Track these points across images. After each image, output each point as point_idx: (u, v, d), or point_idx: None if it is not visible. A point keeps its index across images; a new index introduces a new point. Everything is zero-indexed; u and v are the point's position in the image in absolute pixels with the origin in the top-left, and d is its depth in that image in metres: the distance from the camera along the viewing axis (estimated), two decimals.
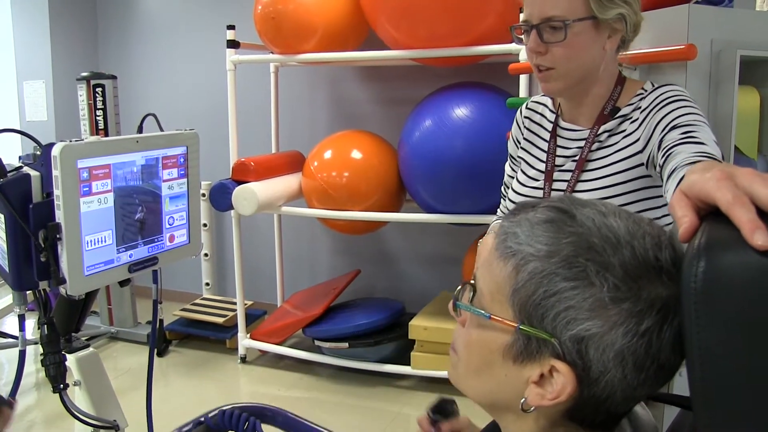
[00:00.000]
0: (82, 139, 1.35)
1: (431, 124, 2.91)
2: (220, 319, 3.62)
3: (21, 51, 4.46)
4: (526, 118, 1.42)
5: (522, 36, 1.23)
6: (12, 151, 3.90)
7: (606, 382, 0.60)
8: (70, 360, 1.53)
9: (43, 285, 1.36)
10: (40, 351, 1.47)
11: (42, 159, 1.33)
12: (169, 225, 1.58)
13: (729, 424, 0.51)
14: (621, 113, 1.24)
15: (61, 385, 1.48)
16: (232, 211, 3.21)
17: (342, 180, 3.10)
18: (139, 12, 4.40)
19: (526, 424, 0.66)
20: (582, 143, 1.28)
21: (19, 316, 1.41)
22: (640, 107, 1.22)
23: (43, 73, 4.37)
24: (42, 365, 1.47)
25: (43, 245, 1.30)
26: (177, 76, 4.30)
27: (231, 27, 3.27)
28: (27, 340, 1.45)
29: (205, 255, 4.16)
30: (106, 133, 3.37)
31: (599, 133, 1.25)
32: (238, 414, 1.17)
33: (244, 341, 3.46)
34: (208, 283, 4.20)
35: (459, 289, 0.70)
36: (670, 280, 0.59)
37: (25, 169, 1.35)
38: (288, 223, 3.89)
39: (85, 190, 1.34)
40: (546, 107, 1.39)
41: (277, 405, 1.24)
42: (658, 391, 0.63)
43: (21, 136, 1.50)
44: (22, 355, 1.43)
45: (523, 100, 2.34)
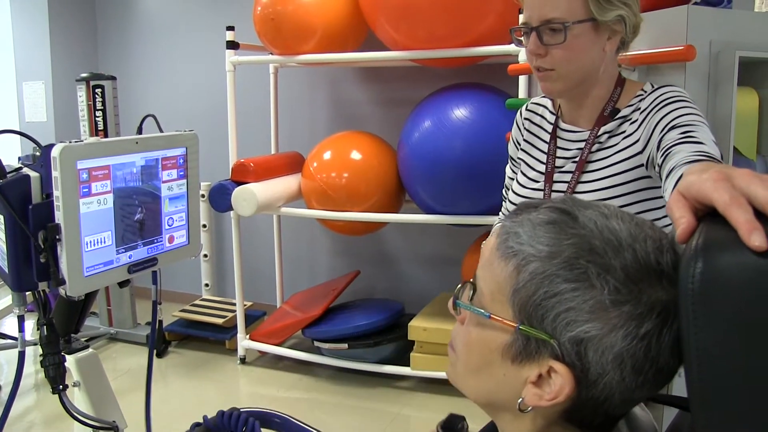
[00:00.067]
0: (82, 140, 1.34)
1: (430, 125, 2.91)
2: (220, 320, 3.62)
3: (20, 52, 4.46)
4: (526, 120, 1.42)
5: (522, 38, 1.24)
6: (11, 152, 3.91)
7: (604, 384, 0.60)
8: (70, 361, 1.53)
9: (42, 286, 1.36)
10: (40, 352, 1.47)
11: (41, 160, 1.33)
12: (169, 226, 1.58)
13: (726, 425, 0.51)
14: (621, 114, 1.24)
15: (61, 386, 1.47)
16: (232, 212, 3.21)
17: (341, 181, 3.10)
18: (139, 13, 4.40)
19: (523, 424, 0.66)
20: (582, 144, 1.28)
21: (18, 317, 1.41)
22: (640, 108, 1.22)
23: (42, 74, 4.37)
24: (41, 366, 1.47)
25: (42, 246, 1.30)
26: (176, 77, 4.30)
27: (230, 28, 3.27)
28: (26, 341, 1.44)
29: (205, 256, 4.16)
30: (106, 134, 3.37)
31: (599, 134, 1.26)
32: (237, 415, 1.17)
33: (244, 342, 3.47)
34: (207, 284, 4.20)
35: (459, 287, 0.70)
36: (670, 284, 0.59)
37: (25, 170, 1.35)
38: (287, 224, 3.89)
39: (84, 191, 1.34)
40: (546, 109, 1.39)
41: (276, 406, 1.24)
42: (656, 393, 0.63)
43: (20, 137, 1.50)
44: (22, 356, 1.43)
45: (523, 101, 2.35)
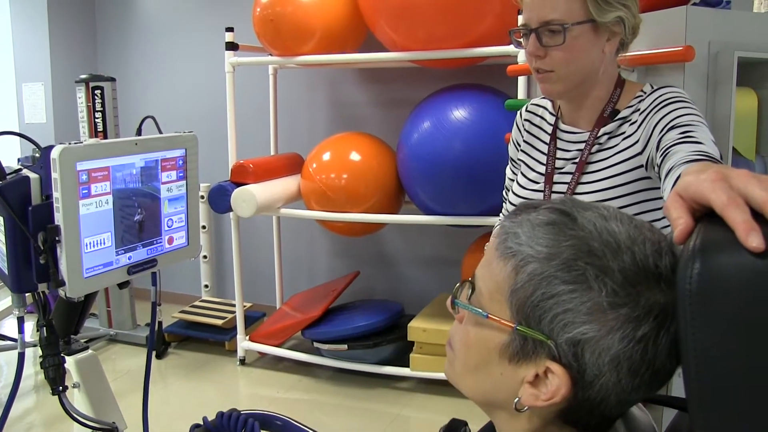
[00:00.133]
0: (81, 142, 1.34)
1: (430, 126, 2.91)
2: (219, 321, 3.62)
3: (20, 53, 4.46)
4: (526, 121, 1.42)
5: (521, 39, 1.24)
6: (11, 154, 3.92)
7: (600, 385, 0.60)
8: (69, 362, 1.52)
9: (42, 287, 1.36)
10: (39, 353, 1.47)
11: (41, 161, 1.33)
12: (168, 227, 1.59)
13: (724, 426, 0.51)
14: (621, 115, 1.24)
15: (60, 387, 1.47)
16: (231, 213, 3.21)
17: (341, 182, 3.10)
18: (138, 14, 4.40)
19: (519, 424, 0.66)
20: (582, 146, 1.28)
21: (18, 318, 1.41)
22: (640, 109, 1.22)
23: (42, 76, 4.37)
24: (41, 367, 1.47)
25: (42, 247, 1.30)
26: (176, 79, 4.30)
27: (230, 29, 3.27)
28: (26, 342, 1.44)
29: (204, 257, 4.16)
30: (105, 136, 3.37)
31: (599, 135, 1.26)
32: (236, 415, 1.17)
33: (243, 343, 3.46)
34: (207, 285, 4.20)
35: (457, 286, 0.70)
36: (668, 287, 0.59)
37: (24, 171, 1.35)
38: (287, 225, 3.89)
39: (84, 192, 1.34)
40: (546, 110, 1.39)
41: (275, 407, 1.24)
42: (653, 395, 0.63)
43: (20, 138, 1.50)
44: (21, 357, 1.43)
45: (522, 101, 2.35)
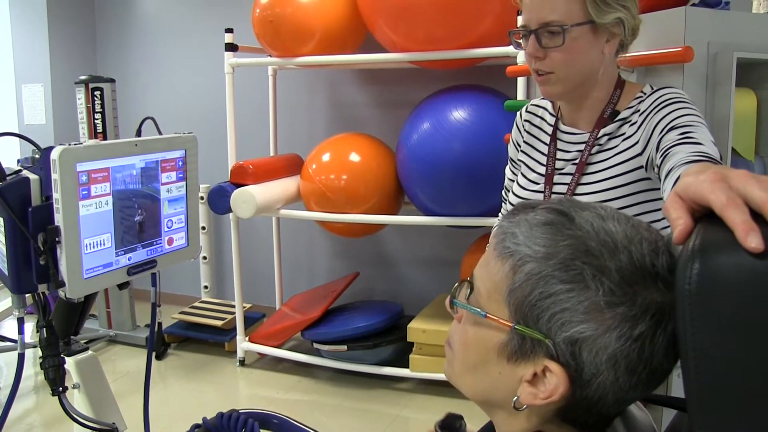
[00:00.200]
0: (81, 143, 1.35)
1: (429, 127, 2.91)
2: (219, 322, 3.62)
3: (19, 54, 4.46)
4: (526, 122, 1.42)
5: (521, 40, 1.24)
6: (11, 155, 3.92)
7: (598, 384, 0.60)
8: (69, 363, 1.53)
9: (42, 288, 1.36)
10: (39, 354, 1.47)
11: (41, 162, 1.33)
12: (168, 228, 1.59)
13: (724, 426, 0.51)
14: (621, 116, 1.25)
15: (60, 388, 1.47)
16: (231, 214, 3.21)
17: (340, 183, 3.10)
18: (138, 15, 4.40)
19: (518, 422, 0.67)
20: (582, 146, 1.28)
21: (18, 319, 1.41)
22: (639, 110, 1.22)
23: (41, 77, 4.37)
24: (41, 368, 1.47)
25: (42, 248, 1.30)
26: (175, 80, 4.30)
27: (229, 30, 3.28)
28: (26, 343, 1.44)
29: (204, 258, 4.16)
30: (105, 137, 3.37)
31: (599, 136, 1.26)
32: (236, 416, 1.17)
33: (243, 344, 3.46)
34: (206, 286, 4.20)
35: (456, 286, 0.70)
36: (665, 286, 0.59)
37: (24, 172, 1.35)
38: (286, 226, 3.89)
39: (84, 193, 1.34)
40: (546, 110, 1.39)
41: (275, 408, 1.25)
42: (650, 393, 0.64)
43: (20, 139, 1.50)
44: (21, 358, 1.43)
45: (521, 102, 2.35)
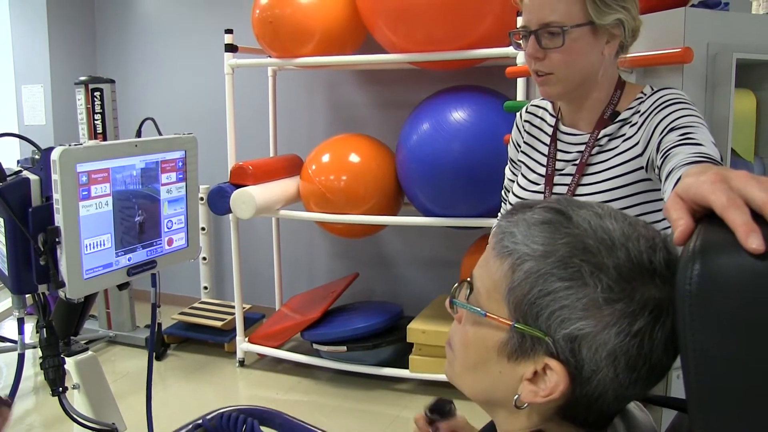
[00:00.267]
0: (81, 144, 1.35)
1: (429, 128, 2.91)
2: (219, 323, 3.62)
3: (19, 55, 4.46)
4: (526, 122, 1.42)
5: (521, 41, 1.24)
6: (11, 156, 3.92)
7: (598, 380, 0.60)
8: (69, 363, 1.53)
9: (42, 288, 1.37)
10: (39, 354, 1.48)
11: (41, 163, 1.33)
12: (168, 229, 1.59)
13: (724, 426, 0.51)
14: (621, 117, 1.25)
15: (60, 388, 1.48)
16: (231, 214, 3.21)
17: (340, 183, 3.10)
18: (137, 16, 4.40)
19: (519, 421, 0.67)
20: (582, 147, 1.28)
21: (18, 319, 1.41)
22: (640, 111, 1.22)
23: (41, 77, 4.37)
24: (41, 368, 1.47)
25: (42, 249, 1.31)
26: (175, 80, 4.30)
27: (229, 31, 3.28)
28: (26, 343, 1.45)
29: (204, 258, 4.16)
30: (105, 138, 3.36)
31: (599, 137, 1.26)
32: (236, 416, 1.18)
33: (243, 345, 3.46)
34: (206, 287, 4.20)
35: (456, 286, 0.71)
36: (663, 282, 0.59)
37: (25, 173, 1.35)
38: (286, 227, 3.89)
39: (84, 194, 1.35)
40: (546, 111, 1.39)
41: (275, 409, 1.25)
42: (649, 391, 0.64)
43: (19, 140, 1.51)
44: (21, 358, 1.43)
45: (521, 103, 2.35)
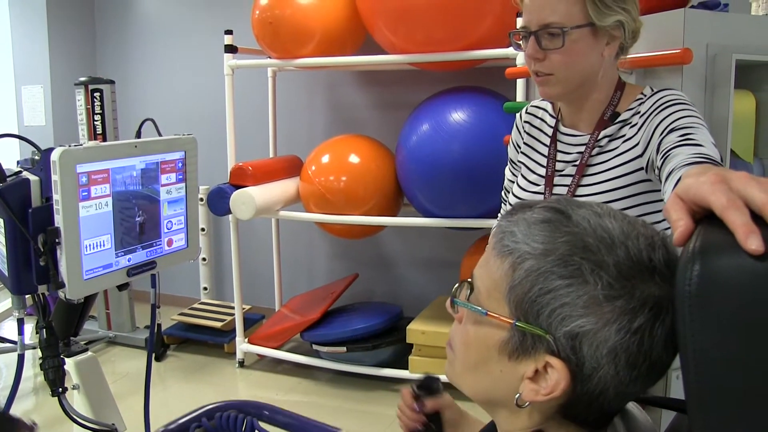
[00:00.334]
0: (81, 144, 1.35)
1: (428, 129, 2.91)
2: (218, 324, 3.62)
3: (19, 56, 4.46)
4: (526, 123, 1.42)
5: (520, 42, 1.24)
6: (10, 156, 3.92)
7: (599, 378, 0.61)
8: (69, 364, 1.53)
9: (42, 289, 1.37)
10: (39, 355, 1.48)
11: (41, 164, 1.33)
12: (168, 229, 1.59)
13: (724, 427, 0.51)
14: (621, 118, 1.25)
15: (60, 388, 1.48)
16: (230, 215, 3.22)
17: (339, 184, 3.11)
18: (137, 17, 4.40)
19: (520, 420, 0.67)
20: (582, 148, 1.28)
21: (18, 320, 1.41)
22: (640, 112, 1.22)
23: (41, 78, 4.37)
24: (41, 369, 1.47)
25: (42, 249, 1.31)
26: (175, 81, 4.30)
27: (229, 32, 3.28)
28: (25, 344, 1.45)
29: (203, 259, 4.16)
30: (104, 138, 3.36)
31: (599, 138, 1.26)
32: (234, 416, 1.18)
33: (242, 345, 3.46)
34: (206, 288, 4.20)
35: (456, 286, 0.71)
36: (662, 280, 0.60)
37: (24, 173, 1.35)
38: (286, 228, 3.89)
39: (84, 194, 1.35)
40: (546, 112, 1.39)
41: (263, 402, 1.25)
42: (649, 389, 0.64)
43: (19, 140, 1.51)
44: (21, 359, 1.43)
45: (521, 104, 2.35)
